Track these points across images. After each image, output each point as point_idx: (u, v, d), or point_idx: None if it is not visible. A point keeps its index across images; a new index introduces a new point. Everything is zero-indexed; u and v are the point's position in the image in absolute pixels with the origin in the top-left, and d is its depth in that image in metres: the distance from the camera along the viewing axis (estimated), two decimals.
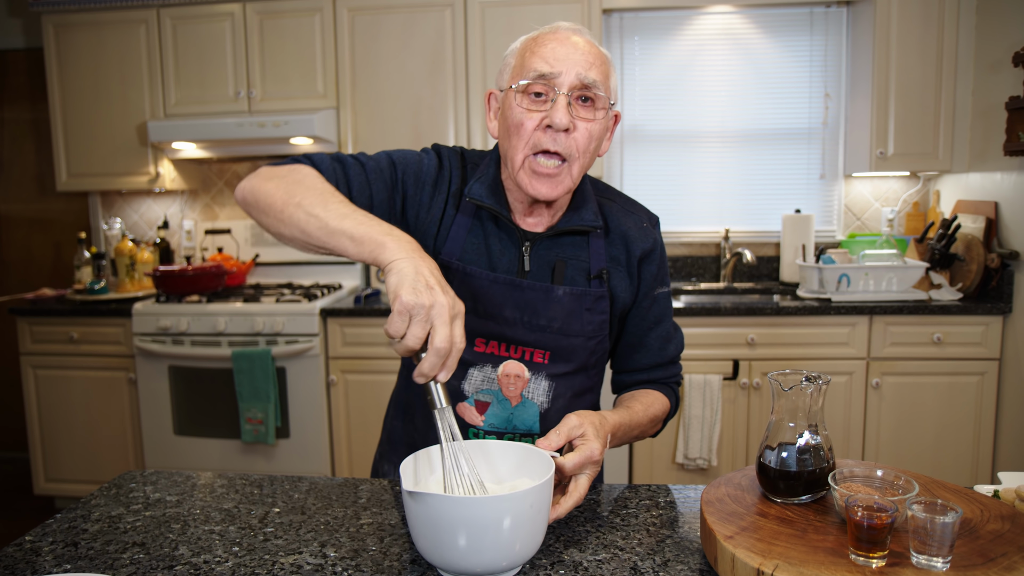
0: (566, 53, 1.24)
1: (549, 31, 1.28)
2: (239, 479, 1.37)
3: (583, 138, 1.25)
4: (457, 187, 1.37)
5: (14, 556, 1.07)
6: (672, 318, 1.48)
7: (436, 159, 1.38)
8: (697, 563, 1.02)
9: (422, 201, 1.35)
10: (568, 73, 1.23)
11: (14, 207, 4.51)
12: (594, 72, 1.25)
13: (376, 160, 1.34)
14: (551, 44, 1.25)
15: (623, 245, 1.39)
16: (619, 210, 1.43)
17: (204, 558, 1.06)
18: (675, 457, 3.30)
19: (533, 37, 1.29)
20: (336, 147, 3.68)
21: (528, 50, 1.27)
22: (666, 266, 1.47)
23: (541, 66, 1.23)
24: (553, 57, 1.24)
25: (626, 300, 1.40)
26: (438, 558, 0.96)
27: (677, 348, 1.48)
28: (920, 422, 3.22)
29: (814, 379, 1.05)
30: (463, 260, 1.34)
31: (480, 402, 1.36)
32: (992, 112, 3.23)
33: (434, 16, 3.57)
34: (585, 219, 1.35)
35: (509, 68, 1.31)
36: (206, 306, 3.44)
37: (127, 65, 3.77)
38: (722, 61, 3.90)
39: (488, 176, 1.35)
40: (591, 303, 1.36)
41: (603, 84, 1.26)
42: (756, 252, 3.92)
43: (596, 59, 1.26)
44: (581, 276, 1.36)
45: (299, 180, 1.19)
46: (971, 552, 0.90)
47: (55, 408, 3.67)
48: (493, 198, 1.33)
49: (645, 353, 1.45)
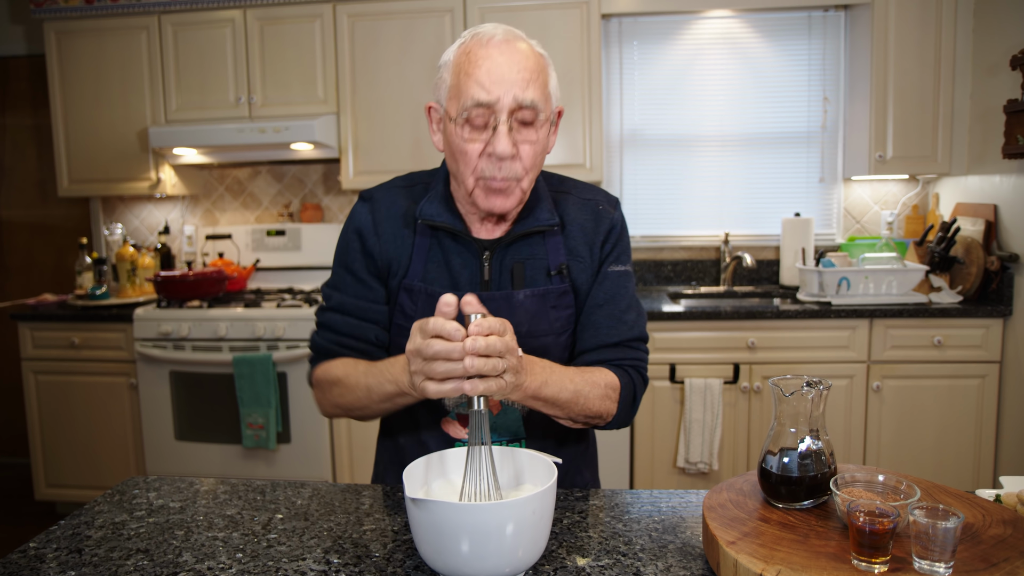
0: (501, 74, 1.21)
1: (481, 42, 1.24)
2: (242, 485, 1.37)
3: (528, 158, 1.26)
4: (404, 211, 1.38)
5: (18, 563, 1.08)
6: (632, 299, 1.42)
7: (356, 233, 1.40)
8: (700, 568, 1.02)
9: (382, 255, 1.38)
10: (506, 96, 1.21)
11: (16, 213, 4.52)
12: (532, 90, 1.23)
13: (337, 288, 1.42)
14: (485, 64, 1.22)
15: (581, 236, 1.39)
16: (575, 201, 1.42)
17: (208, 564, 1.06)
18: (676, 461, 3.31)
19: (465, 51, 1.25)
20: (336, 152, 3.69)
21: (463, 70, 1.24)
22: (625, 245, 1.43)
23: (478, 93, 1.21)
24: (489, 80, 1.21)
25: (591, 289, 1.40)
26: (441, 564, 0.96)
27: (632, 330, 1.40)
28: (921, 425, 3.23)
29: (815, 384, 1.05)
30: (425, 281, 1.35)
31: (462, 415, 1.37)
32: (990, 115, 3.24)
33: (434, 22, 3.58)
34: (541, 219, 1.35)
35: (445, 85, 1.28)
36: (207, 311, 3.44)
37: (128, 71, 3.77)
38: (721, 65, 3.90)
39: (438, 193, 1.36)
40: (555, 300, 1.36)
41: (542, 99, 1.25)
42: (756, 256, 3.93)
43: (532, 72, 1.24)
44: (541, 275, 1.36)
45: (331, 389, 1.36)
46: (973, 557, 0.90)
47: (56, 413, 3.67)
48: (447, 214, 1.34)
49: (594, 332, 1.39)
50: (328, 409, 1.41)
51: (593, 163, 3.58)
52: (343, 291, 1.40)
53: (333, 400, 1.36)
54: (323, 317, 1.42)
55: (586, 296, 1.39)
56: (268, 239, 4.07)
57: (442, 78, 1.29)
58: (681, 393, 3.27)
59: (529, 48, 1.26)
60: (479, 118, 1.22)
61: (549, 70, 1.29)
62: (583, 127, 3.57)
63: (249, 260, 4.09)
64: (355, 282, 1.39)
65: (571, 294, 1.38)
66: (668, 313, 3.24)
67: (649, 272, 4.01)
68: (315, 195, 4.18)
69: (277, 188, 4.20)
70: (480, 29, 1.27)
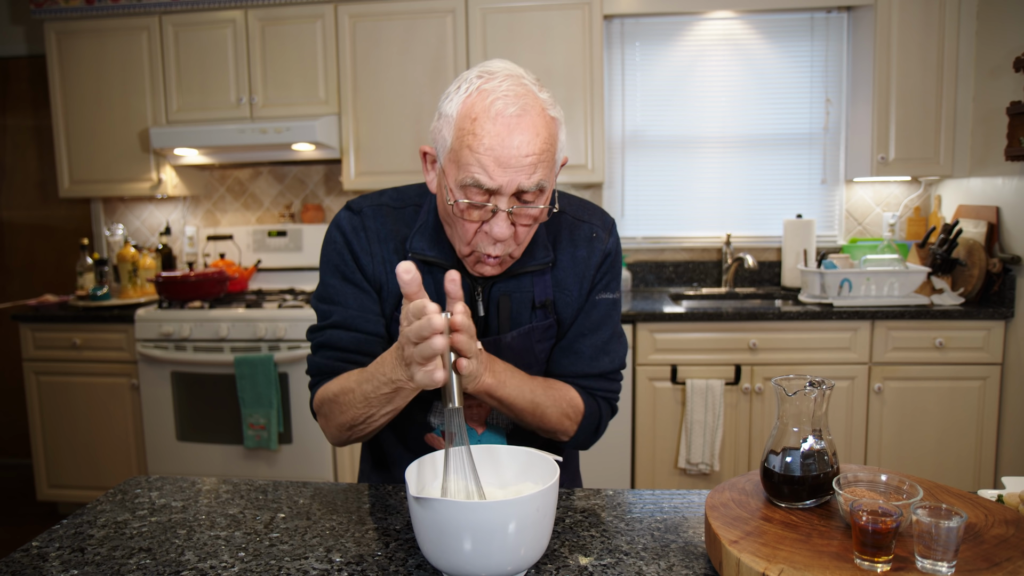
0: (507, 158, 1.12)
1: (487, 113, 1.13)
2: (244, 484, 1.37)
3: (524, 234, 1.22)
4: (395, 236, 1.33)
5: (21, 562, 1.08)
6: (616, 330, 1.39)
7: (347, 246, 1.34)
8: (702, 568, 1.02)
9: (374, 276, 1.33)
10: (509, 185, 1.14)
11: (17, 214, 4.52)
12: (538, 174, 1.15)
13: (335, 302, 1.34)
14: (489, 141, 1.12)
15: (572, 268, 1.35)
16: (568, 223, 1.37)
17: (210, 563, 1.06)
18: (677, 462, 3.30)
19: (470, 113, 1.14)
20: (338, 153, 3.69)
21: (465, 138, 1.14)
22: (616, 271, 1.40)
23: (480, 176, 1.13)
24: (493, 164, 1.12)
25: (577, 317, 1.38)
26: (444, 563, 0.96)
27: (613, 362, 1.38)
28: (922, 427, 3.22)
29: (818, 384, 1.05)
30: None
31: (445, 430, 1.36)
32: (993, 117, 3.24)
33: (435, 22, 3.58)
34: (537, 257, 1.32)
35: (444, 143, 1.18)
36: (208, 312, 3.44)
37: (129, 72, 3.78)
38: (723, 66, 3.91)
39: (428, 225, 1.32)
40: (540, 335, 1.34)
41: (548, 178, 1.18)
42: (757, 257, 3.93)
43: (541, 153, 1.15)
44: (526, 308, 1.33)
45: (331, 411, 1.27)
46: (975, 557, 0.90)
47: (58, 414, 3.67)
48: (436, 248, 1.30)
49: (575, 359, 1.37)
50: (334, 434, 1.30)
51: (595, 164, 3.58)
52: (344, 304, 1.32)
53: (336, 421, 1.26)
54: (323, 337, 1.32)
55: (570, 325, 1.37)
56: (269, 240, 4.07)
57: (441, 131, 1.19)
58: (682, 394, 3.27)
59: (541, 118, 1.15)
60: (478, 196, 1.15)
61: (559, 133, 1.20)
62: (585, 128, 3.57)
63: (250, 261, 4.09)
64: (358, 293, 1.32)
65: (555, 327, 1.36)
66: (670, 314, 3.24)
67: (650, 273, 4.01)
68: (316, 196, 4.18)
69: (278, 189, 4.20)
70: (489, 84, 1.15)
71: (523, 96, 1.14)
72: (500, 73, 1.17)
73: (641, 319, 3.25)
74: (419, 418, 1.37)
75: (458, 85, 1.18)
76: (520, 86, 1.15)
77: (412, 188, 1.39)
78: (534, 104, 1.15)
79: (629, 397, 3.29)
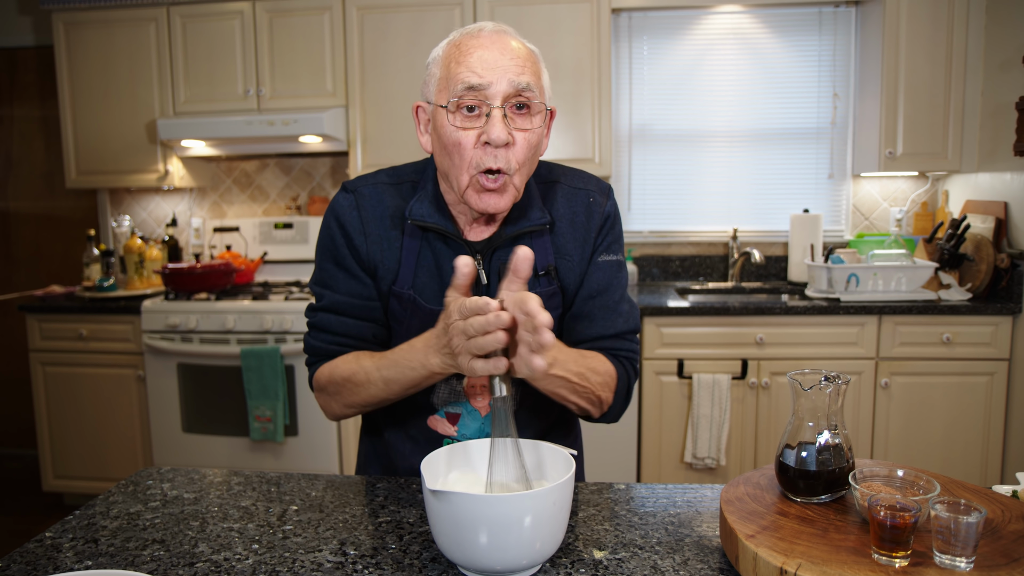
0: (494, 59, 1.18)
1: (471, 35, 1.22)
2: (255, 476, 1.37)
3: (523, 150, 1.21)
4: (392, 211, 1.33)
5: (35, 552, 1.08)
6: (624, 292, 1.39)
7: (341, 228, 1.34)
8: (717, 562, 1.02)
9: (369, 256, 1.33)
10: (500, 82, 1.17)
11: (24, 204, 4.53)
12: (526, 75, 1.19)
13: (327, 286, 1.35)
14: (476, 51, 1.19)
15: (571, 232, 1.35)
16: (565, 191, 1.37)
17: (224, 555, 1.06)
18: (683, 456, 3.30)
19: (455, 43, 1.22)
20: (345, 145, 3.69)
21: (453, 59, 1.21)
22: (617, 234, 1.40)
23: (470, 77, 1.17)
24: (481, 66, 1.18)
25: (582, 283, 1.37)
26: (459, 556, 0.96)
27: (627, 323, 1.37)
28: (929, 422, 3.22)
29: (833, 379, 1.05)
30: (416, 289, 1.31)
31: (451, 414, 1.35)
32: (1001, 112, 3.22)
33: (443, 15, 3.57)
34: (533, 219, 1.32)
35: (435, 80, 1.24)
36: (215, 304, 3.44)
37: (137, 63, 3.77)
38: (731, 61, 3.89)
39: (428, 193, 1.32)
40: (545, 303, 1.30)
41: (536, 86, 1.21)
42: (764, 252, 3.92)
43: (526, 60, 1.21)
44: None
45: (341, 390, 1.31)
46: (994, 552, 0.90)
47: (64, 405, 3.68)
48: (437, 215, 1.30)
49: (588, 324, 1.36)
50: (337, 411, 1.35)
51: (602, 158, 3.58)
52: (335, 288, 1.34)
53: (345, 401, 1.31)
54: (316, 318, 1.36)
55: (575, 294, 1.36)
56: (276, 232, 4.07)
57: (431, 73, 1.26)
58: (689, 388, 3.27)
59: (520, 42, 1.24)
60: (472, 101, 1.18)
61: (541, 65, 1.26)
62: (592, 122, 3.56)
63: (257, 253, 4.09)
64: (348, 278, 1.34)
65: (559, 295, 1.35)
66: (676, 308, 3.24)
67: (657, 267, 4.00)
68: (323, 188, 4.18)
69: (285, 181, 4.20)
70: (470, 27, 1.24)
71: (501, 25, 1.25)
72: (479, 23, 1.27)
73: (648, 313, 3.24)
74: (422, 400, 1.36)
75: (441, 42, 1.28)
76: (498, 23, 1.25)
77: (408, 166, 1.40)
78: (512, 32, 1.25)
79: (636, 391, 3.29)
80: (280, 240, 4.07)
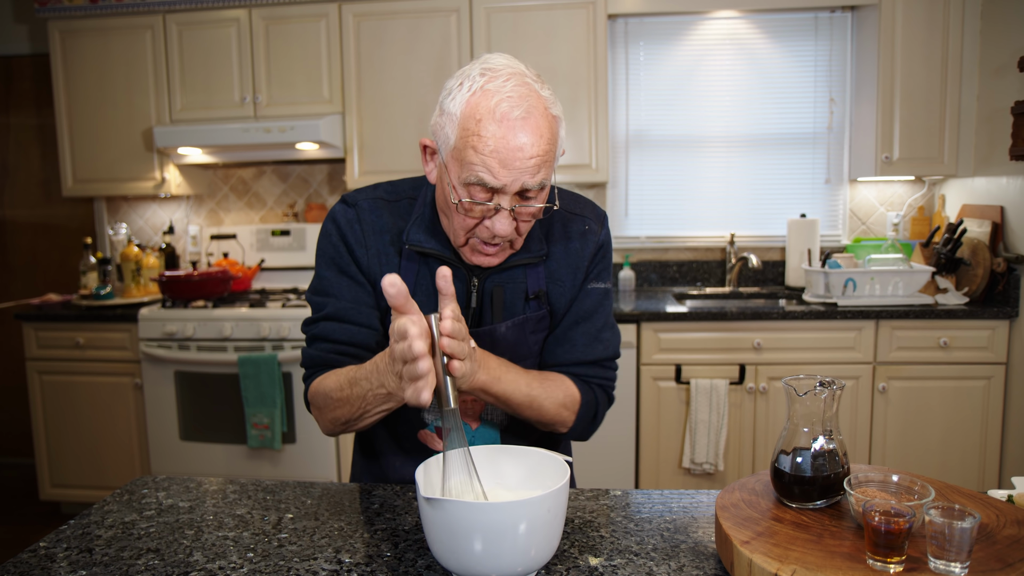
0: (511, 157, 1.14)
1: (491, 114, 1.14)
2: (251, 485, 1.37)
3: (525, 228, 1.25)
4: (390, 229, 1.34)
5: (29, 562, 1.07)
6: (608, 319, 1.41)
7: (343, 238, 1.34)
8: (712, 568, 1.02)
9: (368, 269, 1.34)
10: (513, 184, 1.16)
11: (20, 212, 4.52)
12: (541, 174, 1.17)
13: (328, 294, 1.34)
14: (494, 143, 1.13)
15: (565, 260, 1.37)
16: (562, 218, 1.38)
17: (219, 564, 1.06)
18: (681, 461, 3.30)
19: (474, 114, 1.14)
20: (341, 152, 3.69)
21: (469, 138, 1.15)
22: (608, 262, 1.42)
23: (484, 176, 1.14)
24: (497, 165, 1.14)
25: (570, 307, 1.39)
26: (454, 563, 0.96)
27: (607, 350, 1.39)
28: (926, 426, 3.22)
29: (828, 384, 1.05)
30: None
31: (441, 428, 1.36)
32: (997, 116, 3.23)
33: (439, 21, 3.58)
34: (532, 250, 1.34)
35: (447, 141, 1.19)
36: (212, 311, 3.44)
37: (133, 71, 3.78)
38: (727, 66, 3.90)
39: (425, 218, 1.33)
40: (533, 326, 1.35)
41: (549, 175, 1.20)
42: (761, 257, 3.92)
43: (545, 153, 1.17)
44: (519, 299, 1.35)
45: (325, 405, 1.29)
46: (988, 557, 0.89)
47: (61, 414, 3.67)
48: (434, 240, 1.31)
49: (569, 348, 1.37)
50: (327, 427, 1.32)
51: (599, 163, 3.58)
52: (338, 296, 1.33)
53: (330, 415, 1.28)
54: (316, 329, 1.34)
55: (563, 315, 1.38)
56: (273, 239, 4.07)
57: (443, 128, 1.19)
58: (687, 394, 3.26)
59: (544, 119, 1.17)
60: (481, 196, 1.17)
61: (560, 130, 1.22)
62: (589, 127, 3.57)
63: (254, 260, 4.09)
64: (351, 284, 1.33)
65: (547, 318, 1.37)
66: (673, 314, 3.24)
67: (654, 273, 4.01)
68: (320, 195, 4.18)
69: (282, 188, 4.20)
70: (493, 84, 1.15)
71: (527, 97, 1.16)
72: (503, 71, 1.17)
73: (645, 319, 3.24)
74: (412, 414, 1.37)
75: (460, 82, 1.18)
76: (524, 86, 1.16)
77: (406, 182, 1.41)
78: (537, 104, 1.17)
79: (633, 397, 3.29)
80: (277, 247, 4.07)
